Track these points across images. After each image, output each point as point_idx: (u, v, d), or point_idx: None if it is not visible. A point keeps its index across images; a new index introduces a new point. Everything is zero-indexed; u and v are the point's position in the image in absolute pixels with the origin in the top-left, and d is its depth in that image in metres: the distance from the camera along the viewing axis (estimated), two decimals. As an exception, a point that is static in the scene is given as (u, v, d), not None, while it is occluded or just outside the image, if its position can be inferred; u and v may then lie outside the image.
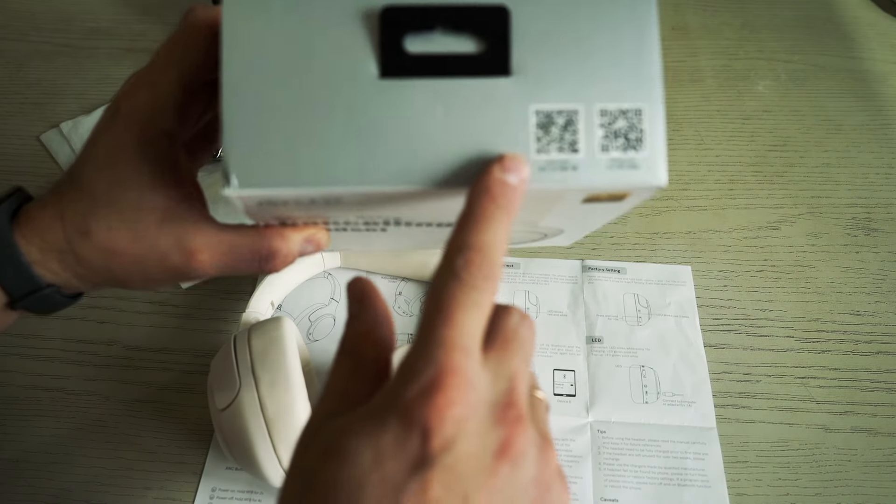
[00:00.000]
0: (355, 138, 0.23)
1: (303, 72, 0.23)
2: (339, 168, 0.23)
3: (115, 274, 0.29)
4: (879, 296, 0.52)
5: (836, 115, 0.65)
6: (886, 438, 0.45)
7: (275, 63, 0.23)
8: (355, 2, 0.23)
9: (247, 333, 0.40)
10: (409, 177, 0.23)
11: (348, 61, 0.23)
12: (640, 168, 0.24)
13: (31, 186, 0.30)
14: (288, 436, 0.37)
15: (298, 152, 0.23)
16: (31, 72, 0.70)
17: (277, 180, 0.23)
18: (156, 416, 0.47)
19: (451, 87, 0.23)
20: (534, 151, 0.23)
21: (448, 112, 0.23)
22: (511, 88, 0.23)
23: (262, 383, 0.38)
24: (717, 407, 0.47)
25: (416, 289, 0.52)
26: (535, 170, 0.23)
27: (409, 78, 0.23)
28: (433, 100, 0.23)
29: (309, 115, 0.23)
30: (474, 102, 0.23)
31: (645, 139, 0.23)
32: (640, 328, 0.51)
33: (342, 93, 0.23)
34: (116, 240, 0.28)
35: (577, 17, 0.23)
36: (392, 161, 0.23)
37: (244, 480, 0.44)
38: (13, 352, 0.49)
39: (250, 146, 0.23)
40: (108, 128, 0.28)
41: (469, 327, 0.20)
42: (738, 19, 0.75)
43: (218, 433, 0.39)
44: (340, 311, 0.52)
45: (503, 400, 0.21)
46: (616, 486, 0.44)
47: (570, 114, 0.23)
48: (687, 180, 0.60)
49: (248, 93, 0.23)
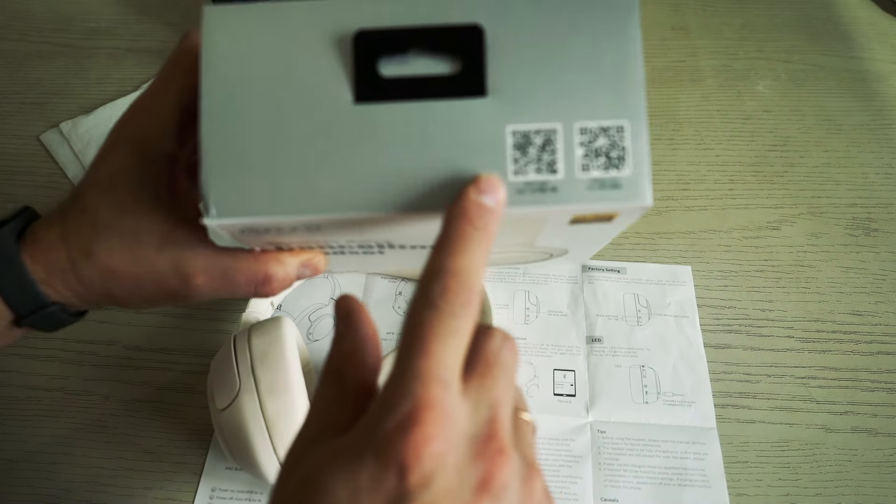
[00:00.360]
0: (331, 165, 0.23)
1: (280, 100, 0.23)
2: (316, 196, 0.23)
3: (113, 294, 0.29)
4: (880, 296, 0.52)
5: (836, 115, 0.65)
6: (887, 438, 0.45)
7: (252, 91, 0.23)
8: (330, 27, 0.23)
9: (247, 333, 0.40)
10: (386, 202, 0.23)
11: (324, 87, 0.23)
12: (622, 188, 0.23)
13: (30, 186, 0.31)
14: (288, 436, 0.37)
15: (275, 181, 0.23)
16: (30, 72, 0.70)
17: (255, 209, 0.23)
18: (156, 416, 0.47)
19: (426, 110, 0.23)
20: (511, 173, 0.23)
21: (423, 135, 0.23)
22: (487, 109, 0.23)
23: (261, 383, 0.38)
24: (717, 407, 0.47)
25: None
26: (513, 192, 0.23)
27: (384, 102, 0.23)
28: (408, 123, 0.23)
29: (285, 142, 0.23)
30: (450, 124, 0.23)
31: (627, 157, 0.23)
32: (640, 328, 0.51)
33: (318, 119, 0.23)
34: (116, 262, 0.28)
35: (555, 32, 0.23)
36: (368, 187, 0.23)
37: (244, 480, 0.44)
38: (13, 352, 0.49)
39: (228, 175, 0.23)
40: (110, 152, 0.29)
41: (446, 358, 0.20)
42: (738, 19, 0.75)
43: (218, 433, 0.39)
44: None
45: (484, 431, 0.20)
46: (616, 486, 0.44)
47: (548, 133, 0.23)
48: (687, 180, 0.60)
49: (226, 122, 0.23)
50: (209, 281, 0.28)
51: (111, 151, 0.29)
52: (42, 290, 0.29)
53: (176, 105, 0.28)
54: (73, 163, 0.61)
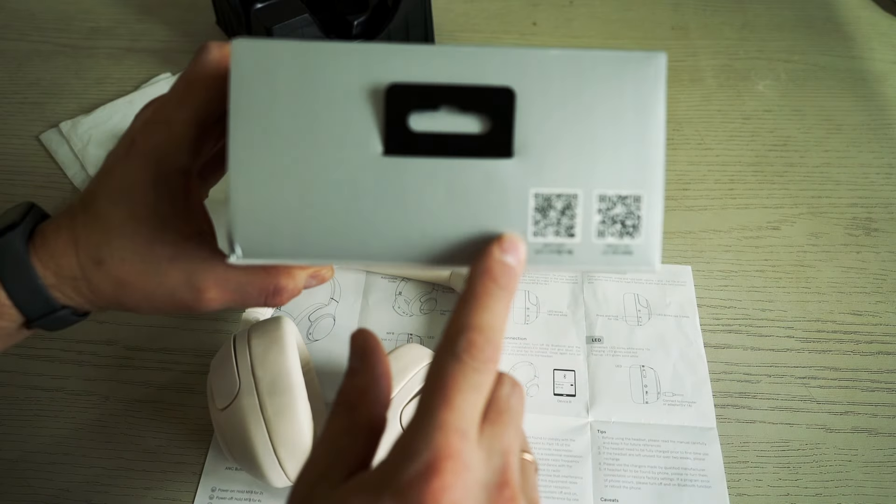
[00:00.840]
0: (358, 214, 0.23)
1: (308, 146, 0.23)
2: (340, 243, 0.23)
3: (123, 302, 0.30)
4: (880, 296, 0.52)
5: (836, 115, 0.65)
6: (887, 438, 0.45)
7: (280, 136, 0.23)
8: (362, 77, 0.23)
9: (247, 333, 0.40)
10: (409, 254, 0.23)
11: (354, 136, 0.23)
12: (633, 254, 0.24)
13: (30, 186, 0.31)
14: (287, 436, 0.37)
15: (301, 226, 0.23)
16: (30, 71, 0.70)
17: (279, 252, 0.23)
18: (156, 416, 0.47)
19: (453, 167, 0.23)
20: (531, 234, 0.23)
21: (450, 191, 0.23)
22: (512, 170, 0.23)
23: (261, 383, 0.38)
24: (717, 407, 0.47)
25: (416, 288, 0.52)
26: (532, 252, 0.23)
27: (413, 156, 0.23)
28: (435, 179, 0.23)
29: (313, 189, 0.23)
30: (476, 183, 0.23)
31: (641, 226, 0.24)
32: (641, 328, 0.51)
33: (346, 168, 0.23)
34: (128, 272, 0.29)
35: (582, 100, 0.23)
36: (392, 238, 0.23)
37: (244, 480, 0.44)
38: (13, 352, 0.49)
39: (254, 217, 0.23)
40: (123, 162, 0.29)
41: (468, 410, 0.21)
42: (738, 19, 0.75)
43: (218, 433, 0.39)
44: (340, 311, 0.52)
45: (497, 479, 0.21)
46: (616, 486, 0.44)
47: (569, 198, 0.23)
48: (687, 180, 0.60)
49: (254, 163, 0.23)
50: (221, 294, 0.29)
51: (125, 162, 0.29)
52: (52, 294, 0.29)
53: (192, 120, 0.28)
54: (73, 162, 0.61)
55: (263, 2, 0.66)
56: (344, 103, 0.23)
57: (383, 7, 0.68)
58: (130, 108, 0.65)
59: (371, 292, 0.52)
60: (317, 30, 0.62)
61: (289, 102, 0.23)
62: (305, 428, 0.38)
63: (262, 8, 0.64)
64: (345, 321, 0.51)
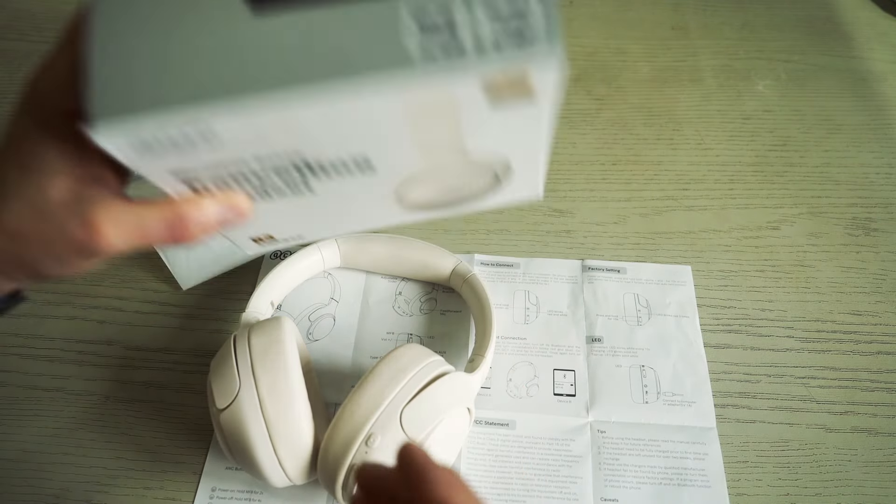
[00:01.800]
0: (223, 65, 0.22)
1: (170, 14, 0.22)
2: (206, 88, 0.22)
3: (24, 260, 0.29)
4: (880, 296, 0.52)
5: (836, 115, 0.65)
6: (887, 438, 0.45)
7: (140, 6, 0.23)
8: None
9: (247, 333, 0.40)
10: (280, 77, 0.22)
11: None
12: (528, 40, 0.21)
13: (30, 186, 0.30)
14: (287, 436, 0.37)
15: (162, 81, 0.22)
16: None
17: (140, 106, 0.22)
18: (156, 416, 0.47)
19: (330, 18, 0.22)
20: (416, 49, 0.22)
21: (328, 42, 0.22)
22: None
23: (261, 383, 0.38)
24: (718, 407, 0.47)
25: (416, 288, 0.52)
26: (420, 60, 0.21)
27: (282, 11, 0.22)
28: (307, 28, 0.22)
29: (174, 46, 0.22)
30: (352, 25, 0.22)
31: (533, 13, 0.21)
32: (640, 328, 0.51)
33: (213, 33, 0.22)
34: (20, 223, 0.28)
35: None
36: (262, 77, 0.22)
37: (244, 480, 0.44)
38: (13, 352, 0.49)
39: (113, 76, 0.22)
40: (14, 116, 0.28)
41: None
42: (738, 19, 0.75)
43: (218, 433, 0.39)
44: (340, 311, 0.52)
45: None
46: (616, 486, 0.44)
47: None
48: (687, 180, 0.60)
49: (113, 35, 0.23)
50: (121, 232, 0.28)
51: (14, 117, 0.28)
52: None
53: (72, 62, 0.27)
54: (73, 163, 0.61)
55: (263, 2, 0.66)
56: None
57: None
58: (130, 108, 0.65)
59: (371, 292, 0.52)
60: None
61: None
62: (305, 428, 0.38)
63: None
64: (345, 321, 0.51)
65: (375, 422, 0.36)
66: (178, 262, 0.52)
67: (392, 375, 0.38)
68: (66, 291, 0.52)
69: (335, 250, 0.52)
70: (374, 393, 0.37)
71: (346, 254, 0.52)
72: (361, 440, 0.36)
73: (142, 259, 0.54)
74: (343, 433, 0.36)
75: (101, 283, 0.53)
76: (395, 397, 0.37)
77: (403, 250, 0.52)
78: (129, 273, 0.53)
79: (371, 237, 0.52)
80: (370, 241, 0.52)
